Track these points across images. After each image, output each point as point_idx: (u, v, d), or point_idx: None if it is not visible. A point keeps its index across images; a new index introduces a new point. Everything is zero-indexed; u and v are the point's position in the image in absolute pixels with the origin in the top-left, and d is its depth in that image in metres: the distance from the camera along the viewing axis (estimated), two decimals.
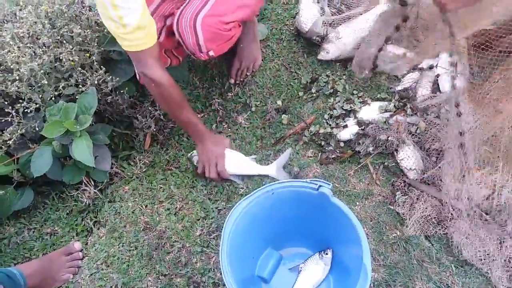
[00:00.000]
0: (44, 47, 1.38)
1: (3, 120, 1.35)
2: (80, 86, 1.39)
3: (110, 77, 1.41)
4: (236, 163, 1.47)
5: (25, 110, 1.39)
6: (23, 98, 1.39)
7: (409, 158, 1.36)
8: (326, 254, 1.21)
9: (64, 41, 1.37)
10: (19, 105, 1.37)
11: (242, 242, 1.15)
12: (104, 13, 1.15)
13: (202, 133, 1.45)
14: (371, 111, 1.48)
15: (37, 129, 1.41)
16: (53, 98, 1.42)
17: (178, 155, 1.58)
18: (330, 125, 1.50)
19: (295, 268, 1.25)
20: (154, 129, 1.56)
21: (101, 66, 1.40)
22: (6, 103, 1.39)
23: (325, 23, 1.67)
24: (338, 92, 1.57)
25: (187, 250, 1.36)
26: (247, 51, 1.70)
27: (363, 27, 1.58)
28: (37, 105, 1.40)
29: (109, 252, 1.38)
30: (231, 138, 1.58)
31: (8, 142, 1.35)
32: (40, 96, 1.42)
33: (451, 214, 1.22)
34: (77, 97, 1.39)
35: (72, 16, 1.39)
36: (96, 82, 1.38)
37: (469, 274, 1.23)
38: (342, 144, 1.46)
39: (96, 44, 1.42)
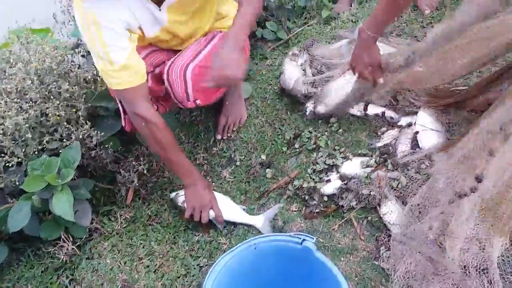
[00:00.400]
0: (31, 102, 1.42)
1: None
2: (65, 140, 1.41)
3: (96, 131, 1.44)
4: (226, 208, 1.47)
5: (7, 164, 1.39)
6: (5, 152, 1.40)
7: (392, 212, 1.37)
8: None
9: (52, 97, 1.41)
10: (0, 159, 1.38)
11: None
12: (93, 51, 1.24)
13: (194, 176, 1.46)
14: (353, 166, 1.51)
15: (17, 183, 1.41)
16: (36, 152, 1.44)
17: (160, 210, 1.57)
18: (313, 179, 1.52)
19: None
20: (137, 184, 1.57)
21: (87, 121, 1.43)
22: None
23: (306, 83, 1.76)
24: (321, 148, 1.61)
25: None
26: (233, 108, 1.77)
27: (344, 85, 1.67)
28: (19, 159, 1.41)
29: None
30: (215, 191, 1.59)
31: None
32: (23, 150, 1.43)
33: (436, 269, 1.21)
34: (60, 151, 1.41)
35: (61, 73, 1.45)
36: (81, 136, 1.40)
37: None
38: (325, 199, 1.48)
39: (83, 100, 1.47)
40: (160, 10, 1.29)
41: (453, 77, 1.65)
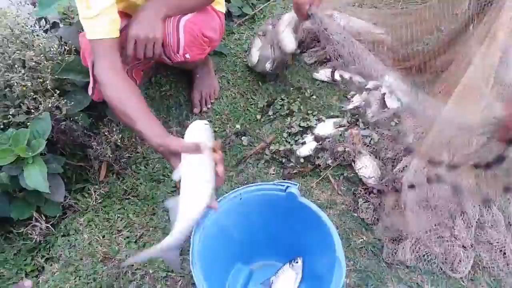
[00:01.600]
0: None
1: None
2: (33, 111, 1.39)
3: (65, 101, 1.42)
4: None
5: None
6: None
7: (366, 167, 1.47)
8: (296, 262, 1.23)
9: (16, 66, 1.38)
10: None
11: (211, 258, 1.14)
12: None
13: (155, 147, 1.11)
14: (326, 127, 1.60)
15: None
16: (1, 127, 1.40)
17: (136, 184, 1.58)
18: (289, 142, 1.59)
19: (265, 281, 1.25)
20: (110, 158, 1.56)
21: (55, 90, 1.41)
22: None
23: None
24: (294, 112, 1.69)
25: (151, 276, 1.32)
26: (204, 81, 1.80)
27: None
28: None
29: (64, 287, 1.31)
30: None
31: None
32: None
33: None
34: (28, 124, 1.38)
35: (24, 42, 1.42)
36: (50, 105, 1.38)
37: (436, 272, 1.30)
38: (302, 160, 1.55)
39: (49, 71, 1.45)
40: None
41: (411, 41, 1.78)
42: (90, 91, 1.46)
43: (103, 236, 1.43)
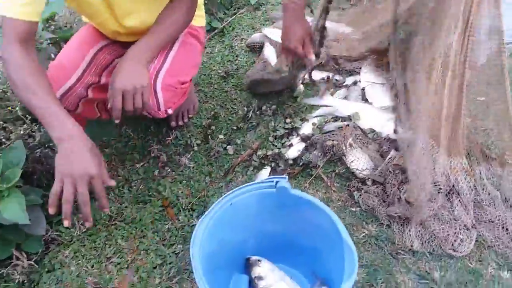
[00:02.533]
0: None
1: None
2: (4, 141, 1.32)
3: (38, 127, 1.37)
4: None
5: None
6: None
7: (358, 159, 1.46)
8: None
9: None
10: None
11: (210, 272, 1.09)
12: None
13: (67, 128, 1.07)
14: (312, 126, 1.59)
15: None
16: None
17: (121, 208, 1.51)
18: (276, 146, 1.57)
19: None
20: None
21: (26, 116, 1.36)
22: None
23: None
24: (277, 116, 1.67)
25: None
26: None
27: None
28: None
29: None
30: (176, 180, 1.57)
31: None
32: None
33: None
34: (0, 155, 1.31)
35: None
36: (22, 132, 1.32)
37: (443, 258, 1.28)
38: (291, 162, 1.52)
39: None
40: None
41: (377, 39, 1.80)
42: None
43: (92, 266, 1.35)
